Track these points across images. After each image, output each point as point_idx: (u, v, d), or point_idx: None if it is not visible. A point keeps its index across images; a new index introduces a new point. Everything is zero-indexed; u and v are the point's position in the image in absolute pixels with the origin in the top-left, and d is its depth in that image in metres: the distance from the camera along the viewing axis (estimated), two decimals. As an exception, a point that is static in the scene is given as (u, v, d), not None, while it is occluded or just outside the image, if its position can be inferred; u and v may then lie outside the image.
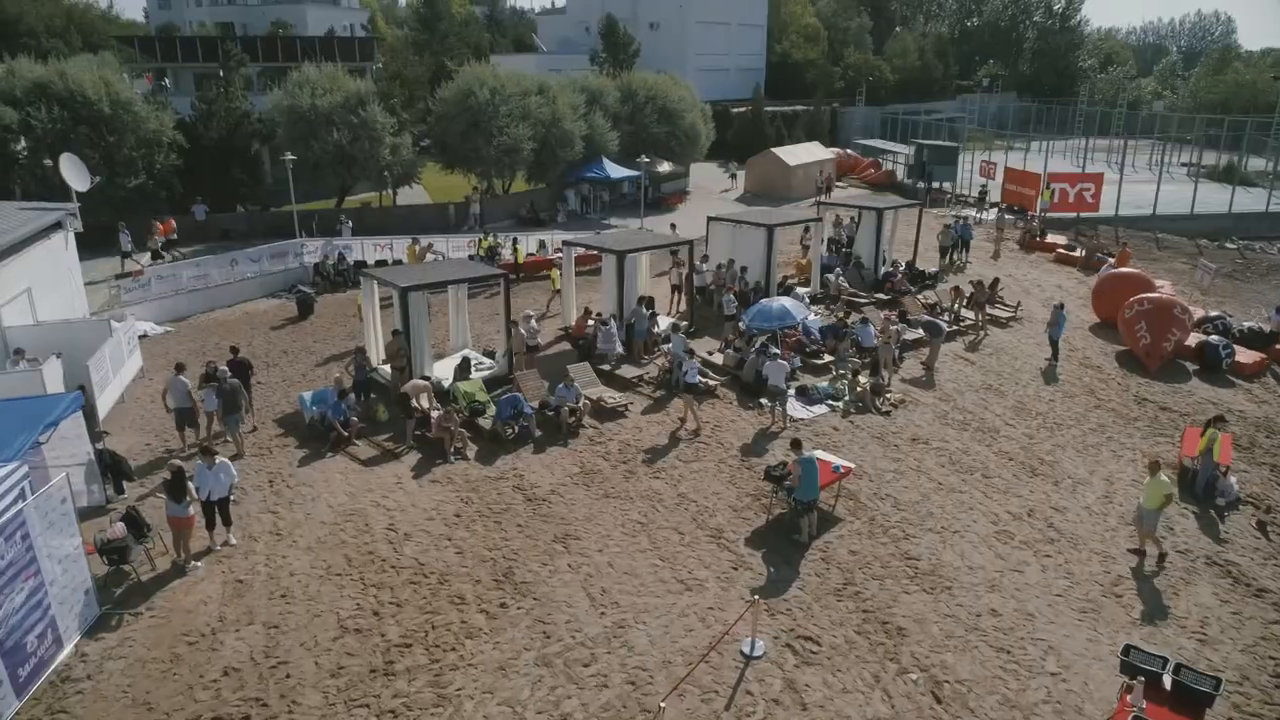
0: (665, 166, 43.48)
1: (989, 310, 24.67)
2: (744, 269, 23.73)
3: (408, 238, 28.84)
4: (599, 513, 14.01)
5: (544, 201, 39.33)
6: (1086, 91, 77.92)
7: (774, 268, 24.03)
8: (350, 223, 31.30)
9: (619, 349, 19.08)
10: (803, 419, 17.86)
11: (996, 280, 26.20)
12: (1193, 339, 22.14)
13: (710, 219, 25.68)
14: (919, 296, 25.25)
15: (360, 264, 29.03)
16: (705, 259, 24.71)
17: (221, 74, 37.87)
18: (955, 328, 23.47)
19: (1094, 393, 20.00)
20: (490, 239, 28.78)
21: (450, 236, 30.54)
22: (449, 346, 20.74)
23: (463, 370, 18.27)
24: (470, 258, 29.24)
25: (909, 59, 78.97)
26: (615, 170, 38.88)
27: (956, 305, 24.19)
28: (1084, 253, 31.47)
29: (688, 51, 66.02)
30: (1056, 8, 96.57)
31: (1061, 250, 32.67)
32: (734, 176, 48.07)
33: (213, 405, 15.71)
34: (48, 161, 29.31)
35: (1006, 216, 35.89)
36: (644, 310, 20.34)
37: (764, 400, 17.87)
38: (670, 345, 18.95)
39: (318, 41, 45.24)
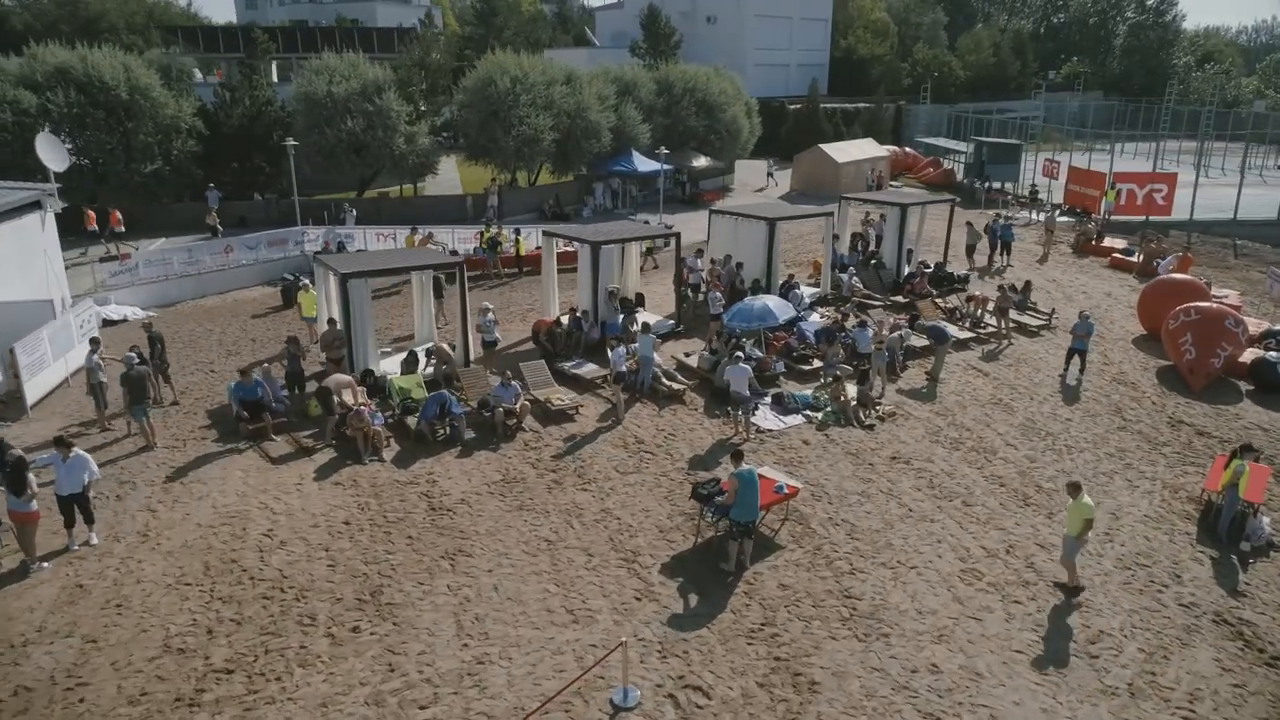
0: (702, 161, 41.80)
1: (1018, 318, 22.35)
2: (739, 265, 21.97)
3: (409, 227, 27.99)
4: (505, 527, 12.57)
5: (571, 195, 38.10)
6: (1175, 90, 72.74)
7: (776, 265, 22.19)
8: (354, 211, 30.66)
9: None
10: (771, 430, 16.07)
11: (1029, 284, 23.76)
12: (1249, 355, 19.46)
13: (711, 212, 23.99)
14: (938, 300, 23.04)
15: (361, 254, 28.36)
16: (700, 254, 23.03)
17: (275, 64, 37.94)
18: (973, 335, 21.26)
19: (1121, 412, 17.63)
20: (491, 230, 27.64)
21: (455, 228, 29.53)
22: (414, 339, 19.62)
23: (410, 364, 17.09)
24: (475, 250, 28.30)
25: (982, 55, 75.11)
26: (643, 163, 37.33)
27: (979, 311, 21.93)
28: (1142, 257, 28.57)
29: (745, 46, 64.00)
30: (1150, 2, 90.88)
31: (1118, 255, 29.79)
32: (771, 174, 45.99)
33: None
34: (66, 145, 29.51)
35: (1058, 217, 33.02)
36: (615, 305, 18.80)
37: (729, 408, 16.14)
38: (637, 345, 17.39)
39: (356, 32, 45.08)
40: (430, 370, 17.19)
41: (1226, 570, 12.34)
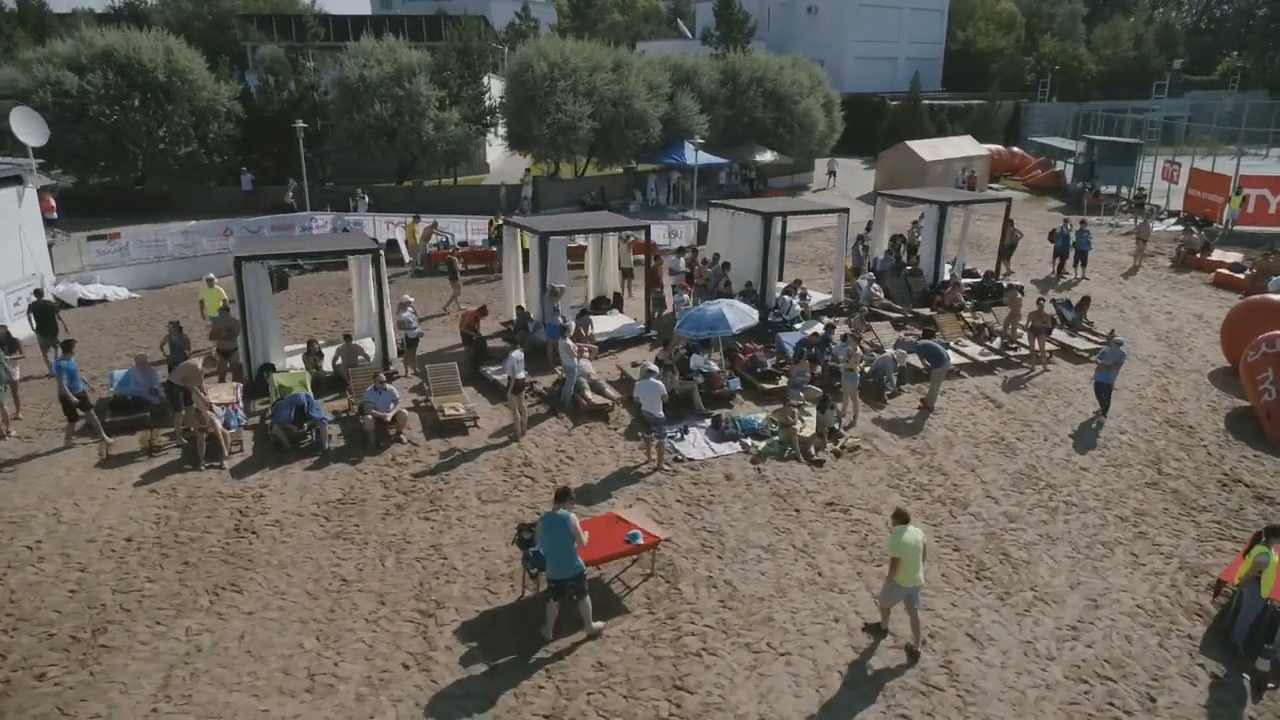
0: (767, 156, 38.85)
1: (1067, 340, 18.77)
2: (726, 265, 19.31)
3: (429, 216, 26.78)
4: (305, 558, 10.64)
5: (618, 188, 36.02)
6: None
7: (772, 266, 19.40)
8: (367, 198, 29.65)
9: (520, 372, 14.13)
10: (695, 459, 13.50)
11: (1085, 301, 19.98)
12: (1352, 400, 15.34)
13: (711, 205, 21.39)
14: (967, 315, 19.64)
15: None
16: (681, 251, 20.48)
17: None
18: (999, 358, 17.88)
19: (1159, 463, 14.04)
20: (498, 221, 25.95)
21: (469, 218, 28.08)
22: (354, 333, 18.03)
23: (313, 358, 15.49)
24: (483, 242, 26.81)
25: (1120, 48, 67.96)
26: (696, 156, 34.65)
27: (1009, 328, 18.50)
28: (1252, 273, 23.90)
29: (846, 38, 60.15)
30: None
31: (1224, 270, 25.13)
32: (833, 173, 42.43)
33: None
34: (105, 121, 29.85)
35: (1156, 225, 28.36)
36: (555, 305, 16.61)
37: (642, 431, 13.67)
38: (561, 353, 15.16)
39: (424, 21, 44.49)
40: (335, 367, 15.52)
41: (1229, 696, 9.03)
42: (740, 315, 15.28)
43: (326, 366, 15.59)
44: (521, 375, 13.67)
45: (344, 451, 13.32)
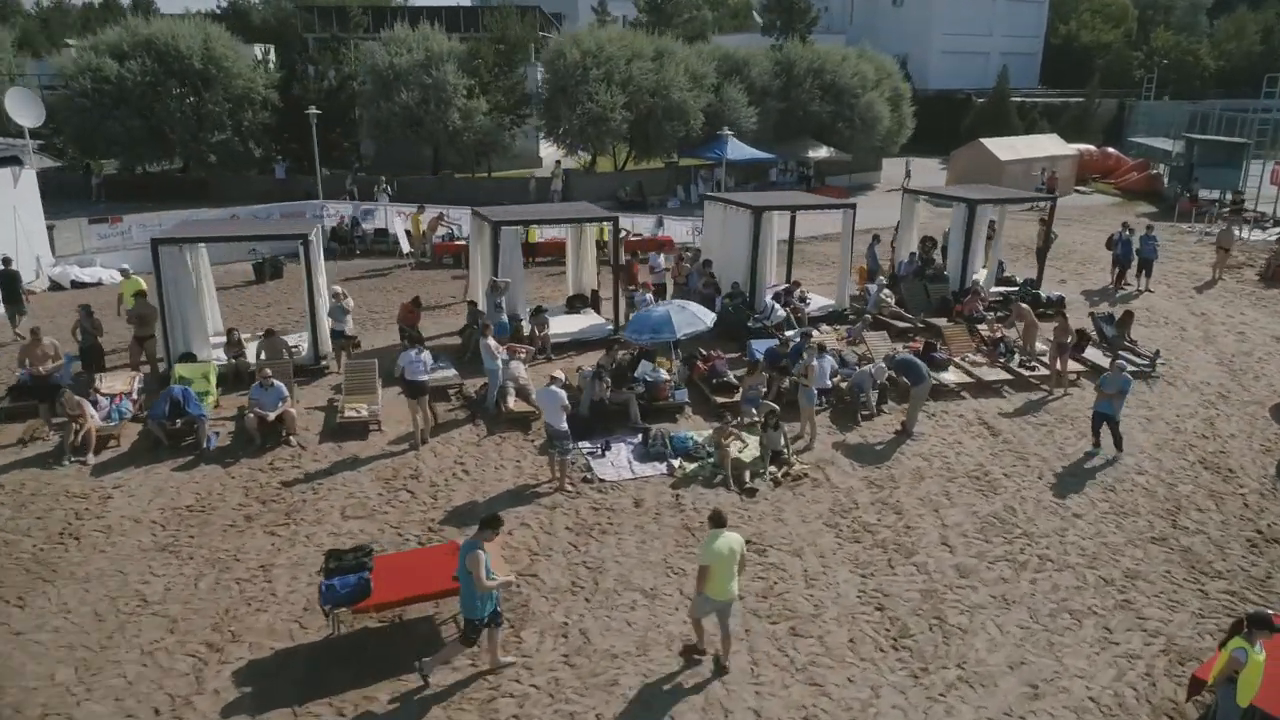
0: (822, 152, 36.48)
1: (1103, 360, 16.21)
2: (706, 263, 17.50)
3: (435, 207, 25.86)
4: (116, 572, 9.52)
5: (659, 182, 34.38)
6: None
7: (762, 265, 17.48)
8: (389, 188, 28.91)
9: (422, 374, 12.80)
10: (606, 480, 11.85)
11: (1128, 315, 17.29)
12: None
13: (704, 197, 19.57)
14: (981, 328, 17.24)
15: (381, 231, 26.67)
16: (663, 249, 18.72)
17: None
18: (1008, 377, 15.53)
19: (1177, 513, 11.60)
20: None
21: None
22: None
23: (234, 348, 14.56)
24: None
25: (1245, 42, 61.86)
26: (738, 150, 32.70)
27: (1027, 345, 16.08)
28: (1353, 291, 20.52)
29: (933, 31, 56.69)
30: None
31: (1319, 286, 21.73)
32: (909, 174, 39.53)
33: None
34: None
35: (1256, 234, 24.85)
36: (498, 302, 15.21)
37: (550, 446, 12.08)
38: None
39: (480, 11, 43.94)
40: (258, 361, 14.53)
41: (1180, 838, 6.84)
42: (689, 319, 13.53)
43: (250, 358, 14.61)
44: (423, 378, 12.29)
45: (225, 452, 12.24)
